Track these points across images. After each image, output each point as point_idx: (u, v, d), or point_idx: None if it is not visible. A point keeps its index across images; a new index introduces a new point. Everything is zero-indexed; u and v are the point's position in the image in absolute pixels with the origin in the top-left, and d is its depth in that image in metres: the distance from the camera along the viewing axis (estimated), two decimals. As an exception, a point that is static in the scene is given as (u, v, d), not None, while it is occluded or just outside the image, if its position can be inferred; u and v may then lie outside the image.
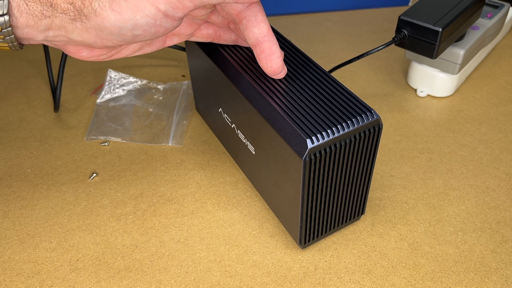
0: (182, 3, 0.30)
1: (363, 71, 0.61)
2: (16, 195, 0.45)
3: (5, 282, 0.38)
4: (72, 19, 0.29)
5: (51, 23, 0.29)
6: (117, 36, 0.30)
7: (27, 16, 0.29)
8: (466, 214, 0.43)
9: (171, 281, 0.38)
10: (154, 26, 0.30)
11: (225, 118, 0.44)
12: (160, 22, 0.30)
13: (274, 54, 0.34)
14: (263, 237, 0.41)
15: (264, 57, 0.34)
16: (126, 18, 0.29)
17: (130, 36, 0.31)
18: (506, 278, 0.38)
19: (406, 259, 0.39)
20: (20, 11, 0.29)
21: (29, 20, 0.29)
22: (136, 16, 0.29)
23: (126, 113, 0.54)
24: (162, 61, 0.63)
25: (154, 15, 0.29)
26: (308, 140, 0.31)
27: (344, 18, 0.72)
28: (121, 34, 0.30)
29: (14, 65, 0.62)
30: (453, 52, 0.52)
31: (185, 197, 0.45)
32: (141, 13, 0.29)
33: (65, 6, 0.29)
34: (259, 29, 0.34)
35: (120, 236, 0.41)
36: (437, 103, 0.56)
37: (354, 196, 0.39)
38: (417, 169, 0.47)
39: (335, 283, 0.38)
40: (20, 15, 0.29)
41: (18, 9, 0.29)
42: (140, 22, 0.29)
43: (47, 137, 0.51)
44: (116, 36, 0.30)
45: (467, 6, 0.50)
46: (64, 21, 0.29)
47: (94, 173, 0.47)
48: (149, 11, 0.29)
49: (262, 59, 0.34)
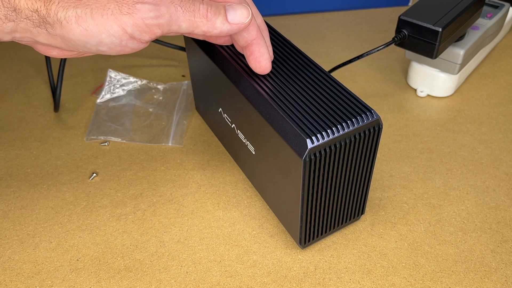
0: (150, 28, 0.30)
1: (363, 71, 0.61)
2: (16, 195, 0.45)
3: (5, 282, 0.38)
4: (36, 25, 0.29)
5: (16, 26, 0.29)
6: (82, 48, 0.30)
7: None
8: (466, 214, 0.43)
9: (171, 281, 0.38)
10: (120, 46, 0.30)
11: (225, 118, 0.44)
12: (126, 43, 0.30)
13: (263, 56, 0.35)
14: (263, 237, 0.41)
15: (253, 59, 0.36)
16: (91, 34, 0.29)
17: (95, 50, 0.31)
18: (506, 278, 0.38)
19: (406, 259, 0.39)
20: None
21: None
22: (101, 35, 0.29)
23: (126, 113, 0.54)
24: (162, 61, 0.63)
25: (120, 36, 0.29)
26: (308, 140, 0.31)
27: (344, 18, 0.72)
28: (85, 47, 0.30)
29: (14, 65, 0.62)
30: (453, 52, 0.52)
31: (185, 197, 0.45)
32: (107, 32, 0.29)
33: (29, 13, 0.28)
34: (248, 33, 0.34)
35: (120, 236, 0.41)
36: (437, 103, 0.56)
37: (354, 196, 0.39)
38: (417, 169, 0.47)
39: (335, 283, 0.38)
40: None
41: None
42: (105, 41, 0.29)
43: (47, 137, 0.51)
44: (81, 47, 0.30)
45: (467, 6, 0.50)
46: (29, 26, 0.29)
47: (94, 173, 0.47)
48: (115, 31, 0.29)
49: (251, 61, 0.36)
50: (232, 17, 0.32)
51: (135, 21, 0.28)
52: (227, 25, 0.32)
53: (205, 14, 0.31)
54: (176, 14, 0.30)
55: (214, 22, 0.31)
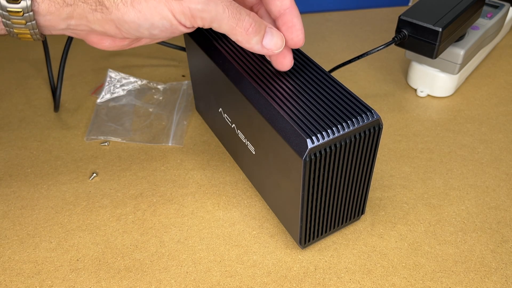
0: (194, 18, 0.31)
1: (363, 71, 0.61)
2: (16, 195, 0.45)
3: (5, 282, 0.38)
4: (93, 9, 0.30)
5: (73, 11, 0.30)
6: (135, 32, 0.31)
7: (49, 2, 0.29)
8: (466, 214, 0.43)
9: (171, 281, 0.38)
10: (171, 29, 0.31)
11: (225, 118, 0.44)
12: (176, 27, 0.31)
13: (295, 26, 0.35)
14: (263, 237, 0.41)
15: (285, 29, 0.35)
16: (144, 17, 0.30)
17: (147, 34, 0.32)
18: (506, 278, 0.38)
19: (406, 259, 0.39)
20: None
21: (50, 7, 0.30)
22: (154, 17, 0.30)
23: (126, 113, 0.54)
24: (162, 61, 0.63)
25: (170, 20, 0.30)
26: (308, 140, 0.31)
27: (344, 18, 0.72)
28: (138, 31, 0.31)
29: (14, 65, 0.62)
30: (453, 52, 0.52)
31: (185, 197, 0.45)
32: (159, 15, 0.30)
33: None
34: (282, 1, 0.34)
35: (120, 236, 0.41)
36: (437, 103, 0.56)
37: (354, 196, 0.39)
38: (417, 169, 0.47)
39: (335, 283, 0.38)
40: (42, 1, 0.29)
41: None
42: (157, 24, 0.31)
43: (47, 137, 0.51)
44: (134, 31, 0.31)
45: (467, 6, 0.50)
46: (86, 11, 0.30)
47: (94, 173, 0.47)
48: (166, 15, 0.30)
49: (284, 31, 0.35)
50: (268, 42, 0.33)
51: (182, 8, 0.30)
52: (259, 47, 0.33)
53: (247, 27, 0.32)
54: (222, 15, 0.31)
55: (251, 38, 0.33)
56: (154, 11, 0.30)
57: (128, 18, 0.30)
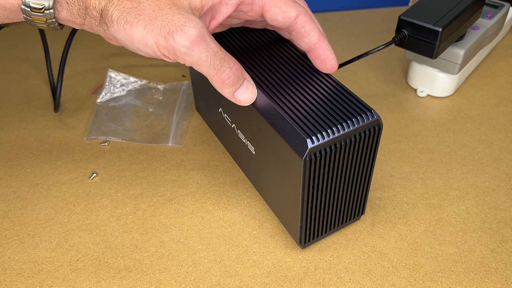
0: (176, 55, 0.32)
1: (363, 71, 0.61)
2: (16, 195, 0.45)
3: (5, 282, 0.38)
4: (97, 24, 0.32)
5: (84, 21, 0.33)
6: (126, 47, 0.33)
7: (66, 12, 0.32)
8: (466, 214, 0.43)
9: (171, 281, 0.38)
10: (154, 56, 0.33)
11: (225, 118, 0.44)
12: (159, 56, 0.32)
13: (328, 58, 0.36)
14: (263, 237, 0.41)
15: (319, 62, 0.37)
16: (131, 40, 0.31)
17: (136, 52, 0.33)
18: (506, 278, 0.38)
19: (406, 259, 0.39)
20: (62, 7, 0.32)
21: (68, 16, 0.33)
22: (139, 44, 0.31)
23: (126, 113, 0.54)
24: (162, 61, 0.63)
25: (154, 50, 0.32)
26: (308, 140, 0.31)
27: (344, 18, 0.72)
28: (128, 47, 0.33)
29: (14, 65, 0.62)
30: (453, 52, 0.52)
31: (185, 197, 0.45)
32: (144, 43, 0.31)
33: (95, 13, 0.32)
34: (309, 38, 0.36)
35: (120, 236, 0.41)
36: (437, 103, 0.56)
37: (354, 196, 0.39)
38: (417, 169, 0.47)
39: (335, 283, 0.38)
40: (61, 10, 0.32)
41: (60, 5, 0.32)
42: (141, 50, 0.32)
43: (47, 137, 0.51)
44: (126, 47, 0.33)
45: (467, 6, 0.50)
46: (92, 24, 0.32)
47: (94, 173, 0.47)
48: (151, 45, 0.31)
49: (318, 64, 0.37)
50: (239, 94, 0.35)
51: (167, 46, 0.31)
52: (231, 96, 0.35)
53: (225, 80, 0.33)
54: (203, 62, 0.32)
55: (225, 88, 0.34)
56: (141, 38, 0.31)
57: (118, 36, 0.31)
